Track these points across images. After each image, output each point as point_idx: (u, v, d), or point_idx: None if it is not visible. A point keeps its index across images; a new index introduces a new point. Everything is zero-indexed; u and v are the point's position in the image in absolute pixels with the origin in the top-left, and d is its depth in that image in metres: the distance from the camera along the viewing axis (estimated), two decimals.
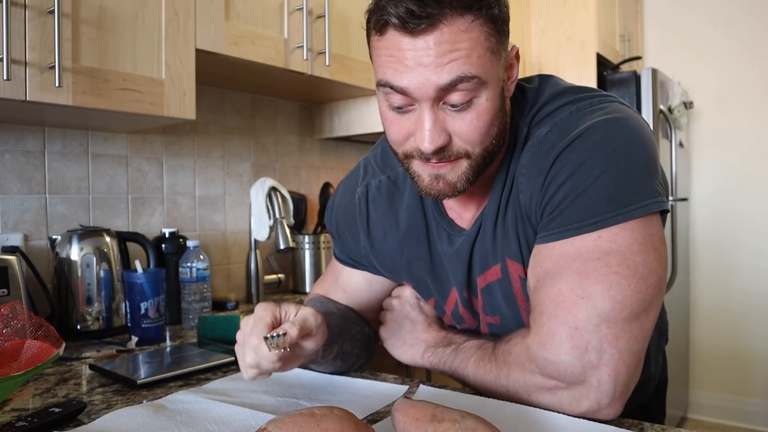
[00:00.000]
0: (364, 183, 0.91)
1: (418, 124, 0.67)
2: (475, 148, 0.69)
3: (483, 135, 0.68)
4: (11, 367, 0.80)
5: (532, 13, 2.70)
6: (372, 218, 0.90)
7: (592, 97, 0.75)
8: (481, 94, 0.66)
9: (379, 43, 0.66)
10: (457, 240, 0.83)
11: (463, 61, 0.63)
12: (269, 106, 1.96)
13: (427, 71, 0.63)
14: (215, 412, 0.75)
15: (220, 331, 1.19)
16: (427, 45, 0.62)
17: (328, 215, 0.99)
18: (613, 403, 0.67)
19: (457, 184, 0.71)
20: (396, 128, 0.70)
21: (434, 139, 0.66)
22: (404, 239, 0.88)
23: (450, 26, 0.62)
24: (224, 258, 1.80)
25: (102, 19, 1.14)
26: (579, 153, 0.68)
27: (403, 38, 0.63)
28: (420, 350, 0.88)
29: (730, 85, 2.96)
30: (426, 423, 0.56)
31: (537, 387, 0.71)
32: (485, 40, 0.64)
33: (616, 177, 0.66)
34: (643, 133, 0.70)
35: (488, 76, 0.66)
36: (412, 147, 0.69)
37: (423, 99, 0.65)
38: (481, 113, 0.67)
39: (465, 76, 0.63)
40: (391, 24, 0.63)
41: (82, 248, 1.27)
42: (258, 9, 1.45)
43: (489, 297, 0.83)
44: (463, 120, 0.67)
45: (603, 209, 0.66)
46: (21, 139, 1.36)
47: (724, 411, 2.97)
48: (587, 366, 0.66)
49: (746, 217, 2.94)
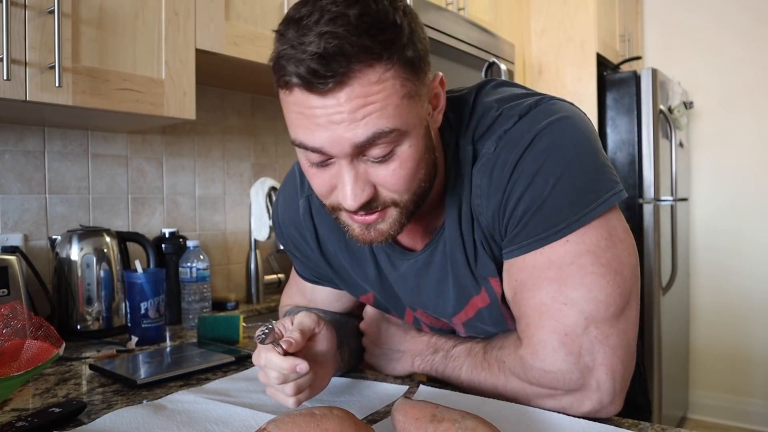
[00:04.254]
0: (304, 196, 0.86)
1: (339, 179, 0.63)
2: (402, 196, 0.65)
3: (409, 182, 0.65)
4: (11, 367, 0.80)
5: (532, 13, 2.70)
6: (321, 232, 0.86)
7: (528, 99, 0.72)
8: (402, 143, 0.62)
9: (288, 99, 0.61)
10: (400, 264, 0.79)
11: (378, 114, 0.58)
12: (269, 106, 1.96)
13: (341, 129, 0.59)
14: (215, 412, 0.75)
15: (220, 331, 1.19)
16: (337, 102, 0.58)
17: (278, 232, 0.93)
18: (614, 400, 0.67)
19: (390, 231, 0.68)
20: (318, 182, 0.66)
21: (357, 195, 0.62)
22: (352, 258, 0.84)
23: (360, 80, 0.57)
24: (224, 258, 1.80)
25: (102, 19, 1.14)
26: (530, 164, 0.66)
27: (310, 96, 0.58)
28: (408, 360, 0.86)
29: (730, 85, 2.96)
30: (426, 423, 0.56)
31: (536, 395, 0.71)
32: (401, 87, 0.60)
33: (572, 180, 0.65)
34: (586, 128, 0.69)
35: (408, 124, 0.61)
36: (337, 201, 0.66)
37: (340, 156, 0.61)
38: (405, 161, 0.63)
39: (382, 131, 0.59)
40: (294, 84, 0.59)
41: (82, 248, 1.27)
42: (258, 9, 1.45)
43: (473, 328, 0.81)
44: (386, 170, 0.63)
45: (566, 215, 0.65)
46: (21, 139, 1.36)
47: (724, 411, 2.97)
48: (584, 370, 0.66)
49: (746, 217, 2.94)
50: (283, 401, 0.71)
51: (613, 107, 2.61)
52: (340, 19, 0.56)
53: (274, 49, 0.60)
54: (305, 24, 0.57)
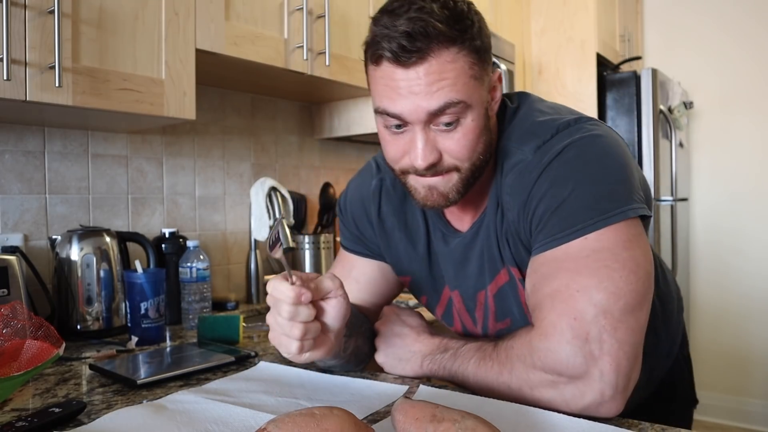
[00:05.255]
0: (378, 177, 0.96)
1: (412, 144, 0.74)
2: (463, 163, 0.76)
3: (470, 151, 0.75)
4: (11, 367, 0.80)
5: (532, 13, 2.70)
6: (383, 210, 0.95)
7: (568, 116, 0.80)
8: (466, 116, 0.73)
9: (375, 73, 0.74)
10: (451, 240, 0.89)
11: (449, 88, 0.71)
12: (269, 106, 1.96)
13: (418, 98, 0.71)
14: (215, 412, 0.75)
15: (220, 331, 1.19)
16: (417, 75, 0.70)
17: (343, 207, 1.02)
18: (615, 396, 0.68)
19: (449, 195, 0.78)
20: (393, 147, 0.77)
21: (426, 156, 0.73)
22: (407, 236, 0.94)
23: (437, 58, 0.70)
24: (224, 258, 1.80)
25: (102, 19, 1.14)
26: (556, 169, 0.74)
27: (396, 69, 0.71)
28: (417, 361, 0.88)
29: (730, 85, 2.96)
30: (426, 423, 0.56)
31: (539, 382, 0.71)
32: (469, 69, 0.72)
33: (591, 187, 0.72)
34: (616, 147, 0.76)
35: (472, 100, 0.73)
36: (407, 164, 0.77)
37: (415, 122, 0.73)
38: (467, 132, 0.74)
39: (451, 101, 0.71)
40: (385, 57, 0.71)
41: (82, 248, 1.27)
42: (258, 9, 1.45)
43: (501, 301, 0.86)
44: (451, 139, 0.74)
45: (583, 216, 0.71)
46: (21, 139, 1.36)
47: (724, 411, 2.97)
48: (588, 357, 0.67)
49: (746, 217, 2.94)
50: (287, 346, 0.72)
51: (613, 107, 2.61)
52: (425, 8, 0.69)
53: (369, 32, 0.74)
54: (396, 12, 0.70)
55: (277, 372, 0.93)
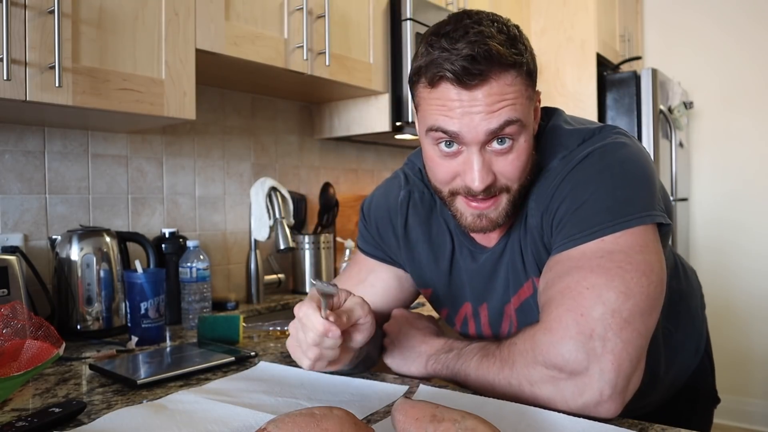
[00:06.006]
0: (407, 189, 0.97)
1: (467, 166, 0.74)
2: (513, 184, 0.77)
3: (522, 172, 0.76)
4: (11, 367, 0.80)
5: (532, 13, 2.70)
6: (410, 222, 0.96)
7: (594, 125, 0.82)
8: (521, 137, 0.74)
9: (431, 95, 0.74)
10: (480, 257, 0.89)
11: (509, 108, 0.71)
12: (269, 106, 1.96)
13: (478, 118, 0.71)
14: (215, 412, 0.75)
15: (220, 331, 1.19)
16: (478, 96, 0.70)
17: (367, 212, 1.02)
18: (614, 396, 0.67)
19: (498, 220, 0.78)
20: (443, 169, 0.77)
21: (483, 178, 0.73)
22: (431, 250, 0.94)
23: (498, 81, 0.71)
24: (224, 258, 1.80)
25: (102, 19, 1.14)
26: (578, 173, 0.76)
27: (457, 90, 0.71)
28: (422, 361, 0.88)
29: (730, 85, 2.96)
30: (426, 423, 0.56)
31: (539, 378, 0.71)
32: (525, 90, 0.74)
33: (612, 190, 0.73)
34: (639, 155, 0.77)
35: (527, 120, 0.74)
36: (459, 186, 0.77)
37: (473, 143, 0.73)
38: (521, 153, 0.75)
39: (511, 120, 0.72)
40: (447, 78, 0.71)
41: (82, 248, 1.27)
42: (258, 9, 1.45)
43: (524, 315, 0.86)
44: (506, 160, 0.75)
45: (601, 219, 0.72)
46: (21, 139, 1.36)
47: (724, 411, 2.96)
48: (590, 353, 0.67)
49: (746, 217, 2.94)
50: (300, 360, 0.77)
51: (613, 107, 2.61)
52: (485, 32, 0.71)
53: (422, 56, 0.73)
54: (453, 36, 0.71)
55: (277, 372, 0.93)
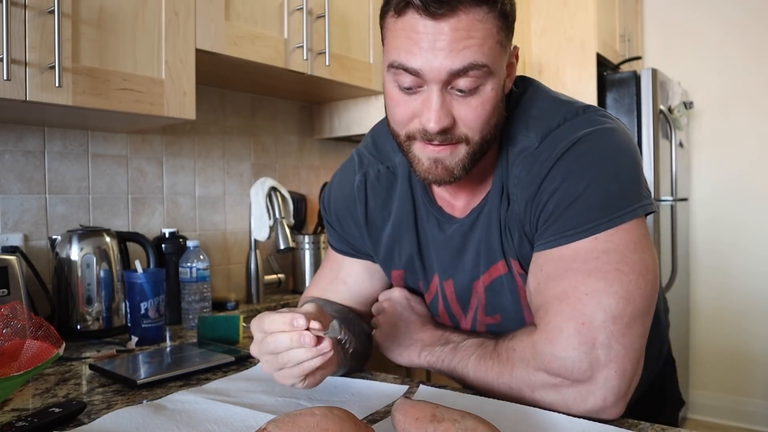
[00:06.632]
0: (361, 171, 0.92)
1: (425, 105, 0.69)
2: (474, 135, 0.71)
3: (484, 123, 0.71)
4: (11, 367, 0.80)
5: (532, 13, 2.70)
6: (370, 206, 0.92)
7: (576, 104, 0.78)
8: (487, 83, 0.69)
9: (396, 25, 0.69)
10: (448, 227, 0.85)
11: (476, 49, 0.66)
12: (269, 106, 1.96)
13: (442, 55, 0.65)
14: (215, 412, 0.75)
15: (220, 331, 1.19)
16: (443, 30, 0.65)
17: (326, 205, 0.99)
18: (617, 402, 0.67)
19: (454, 170, 0.73)
20: (402, 109, 0.72)
21: (440, 119, 0.68)
22: (396, 228, 0.90)
23: (467, 14, 0.65)
24: (224, 258, 1.80)
25: (102, 19, 1.14)
26: (569, 163, 0.71)
27: (422, 21, 0.66)
28: (416, 350, 0.87)
29: (730, 85, 2.96)
30: (426, 423, 0.56)
31: (541, 384, 0.71)
32: (496, 33, 0.68)
33: (606, 185, 0.70)
34: (628, 142, 0.74)
35: (495, 67, 0.68)
36: (416, 128, 0.71)
37: (433, 81, 0.67)
38: (485, 101, 0.69)
39: (476, 63, 0.66)
40: (413, 6, 0.65)
41: (82, 248, 1.27)
42: (258, 9, 1.45)
43: (493, 294, 0.83)
44: (468, 106, 0.69)
45: (596, 215, 0.69)
46: (21, 139, 1.36)
47: (724, 411, 2.97)
48: (594, 362, 0.67)
49: (746, 217, 2.94)
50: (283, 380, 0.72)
51: (613, 107, 2.60)
52: None
53: None
54: None
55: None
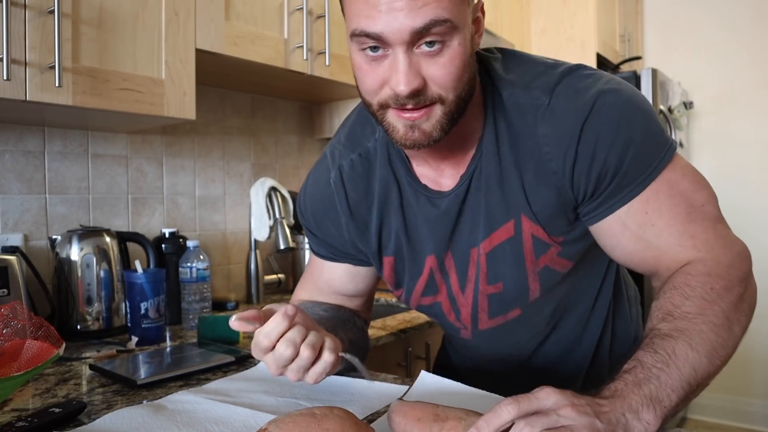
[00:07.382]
0: (335, 166, 0.89)
1: (393, 69, 0.67)
2: (448, 94, 0.69)
3: (456, 80, 0.69)
4: (11, 367, 0.80)
5: (532, 13, 2.70)
6: (352, 198, 0.88)
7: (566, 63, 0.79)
8: (453, 39, 0.67)
9: None
10: (440, 202, 0.82)
11: (436, 5, 0.64)
12: (269, 106, 1.95)
13: (401, 15, 0.64)
14: (215, 412, 0.75)
15: (220, 331, 1.19)
16: None
17: (303, 209, 0.96)
18: None
19: (432, 133, 0.71)
20: (371, 77, 0.70)
21: (410, 81, 0.66)
22: (380, 209, 0.87)
23: None
24: (224, 258, 1.80)
25: (102, 19, 1.14)
26: (609, 112, 0.72)
27: None
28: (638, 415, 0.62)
29: (730, 85, 2.96)
30: (430, 423, 0.56)
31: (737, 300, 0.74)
32: None
33: (649, 124, 0.74)
34: (629, 84, 0.78)
35: (459, 21, 0.66)
36: (388, 95, 0.69)
37: (397, 43, 0.66)
38: (454, 57, 0.67)
39: (438, 19, 0.64)
40: None
41: (82, 248, 1.27)
42: (258, 9, 1.45)
43: (495, 261, 0.81)
44: (436, 64, 0.67)
45: (656, 154, 0.74)
46: (21, 139, 1.36)
47: (724, 411, 2.97)
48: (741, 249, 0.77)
49: (746, 217, 2.93)
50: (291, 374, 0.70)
51: None
52: None
53: None
54: None
55: None
